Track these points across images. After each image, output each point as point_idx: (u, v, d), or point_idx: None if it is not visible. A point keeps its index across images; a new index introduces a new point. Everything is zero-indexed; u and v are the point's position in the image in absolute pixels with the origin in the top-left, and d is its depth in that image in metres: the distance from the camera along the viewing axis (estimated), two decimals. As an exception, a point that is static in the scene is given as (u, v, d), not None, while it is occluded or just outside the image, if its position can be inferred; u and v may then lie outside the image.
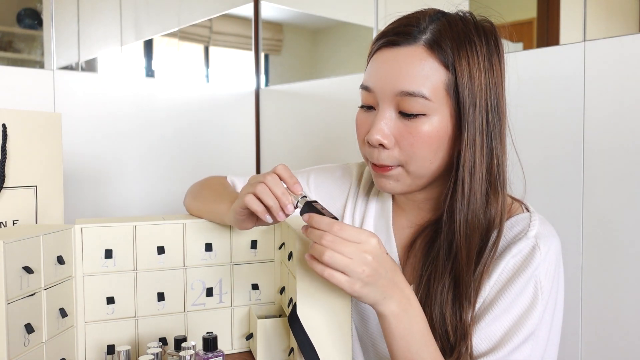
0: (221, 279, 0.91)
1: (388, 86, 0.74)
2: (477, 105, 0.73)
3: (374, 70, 0.77)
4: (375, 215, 0.91)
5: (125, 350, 0.77)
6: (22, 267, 0.72)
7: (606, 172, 0.99)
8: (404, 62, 0.74)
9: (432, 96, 0.73)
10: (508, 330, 0.73)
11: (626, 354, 0.97)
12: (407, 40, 0.74)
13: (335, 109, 1.57)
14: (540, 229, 0.77)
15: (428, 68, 0.73)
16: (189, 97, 1.72)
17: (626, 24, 0.97)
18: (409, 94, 0.73)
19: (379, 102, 0.76)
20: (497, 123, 0.75)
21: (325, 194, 0.97)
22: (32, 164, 0.89)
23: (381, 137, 0.75)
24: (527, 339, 0.72)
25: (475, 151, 0.74)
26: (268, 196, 0.72)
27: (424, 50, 0.73)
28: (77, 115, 1.47)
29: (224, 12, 1.85)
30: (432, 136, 0.74)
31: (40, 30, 1.43)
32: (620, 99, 0.96)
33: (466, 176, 0.74)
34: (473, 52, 0.73)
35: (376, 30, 1.46)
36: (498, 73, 0.75)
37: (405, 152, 0.75)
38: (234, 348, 0.93)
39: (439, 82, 0.73)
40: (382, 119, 0.75)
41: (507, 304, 0.74)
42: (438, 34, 0.74)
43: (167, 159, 1.67)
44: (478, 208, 0.75)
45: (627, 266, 0.97)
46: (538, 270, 0.74)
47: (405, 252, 0.86)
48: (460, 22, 0.75)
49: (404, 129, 0.74)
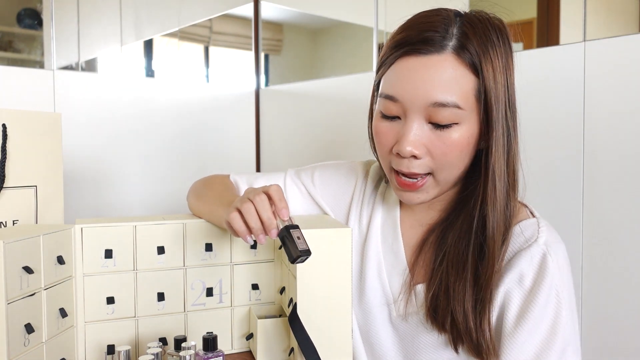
0: (221, 279, 0.91)
1: (419, 97, 0.73)
2: (500, 106, 0.74)
3: (400, 79, 0.74)
4: (383, 215, 0.90)
5: (125, 350, 0.77)
6: (22, 267, 0.72)
7: (606, 172, 0.99)
8: (435, 72, 0.72)
9: (464, 104, 0.72)
10: (543, 344, 0.73)
11: (626, 354, 0.97)
12: (434, 48, 0.72)
13: (336, 109, 1.57)
14: (548, 236, 0.77)
15: (459, 76, 0.72)
16: (189, 97, 1.72)
17: (626, 24, 0.97)
18: (442, 105, 0.72)
19: (408, 113, 0.74)
20: (512, 123, 0.76)
21: (330, 192, 0.97)
22: (32, 164, 0.89)
23: (413, 149, 0.74)
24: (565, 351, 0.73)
25: (502, 152, 0.74)
26: (252, 218, 0.71)
27: (453, 57, 0.72)
28: (77, 115, 1.47)
29: (224, 12, 1.85)
30: (462, 143, 0.74)
31: (40, 30, 1.43)
32: (620, 99, 0.96)
33: (496, 177, 0.75)
34: (495, 53, 0.73)
35: (376, 30, 1.46)
36: (511, 71, 0.76)
37: (437, 161, 0.75)
38: (234, 348, 0.93)
39: (469, 89, 0.73)
40: (412, 130, 0.74)
41: (536, 318, 0.74)
42: (464, 38, 0.73)
43: (167, 158, 1.67)
44: (503, 209, 0.76)
45: (627, 266, 0.97)
46: (555, 280, 0.74)
47: (414, 252, 0.86)
48: (479, 23, 0.75)
49: (435, 139, 0.74)
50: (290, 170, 1.02)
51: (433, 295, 0.79)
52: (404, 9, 0.81)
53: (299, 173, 1.00)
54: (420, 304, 0.81)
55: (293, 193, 0.98)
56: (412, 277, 0.84)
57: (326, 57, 1.70)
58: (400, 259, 0.86)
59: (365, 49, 1.50)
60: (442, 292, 0.78)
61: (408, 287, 0.83)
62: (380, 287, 0.87)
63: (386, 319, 0.86)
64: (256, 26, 1.93)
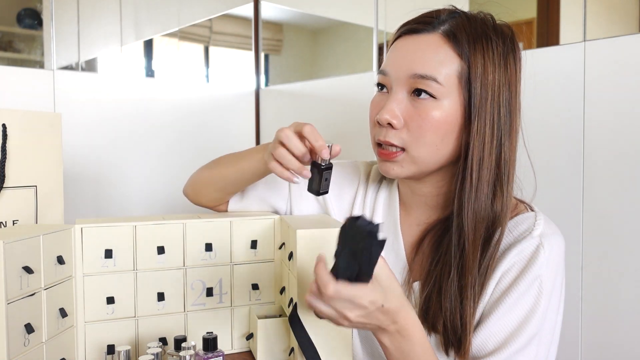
0: (221, 279, 0.91)
1: (402, 69, 0.78)
2: (489, 98, 0.76)
3: (392, 55, 0.81)
4: (383, 213, 0.91)
5: (125, 350, 0.77)
6: (22, 267, 0.72)
7: (606, 171, 0.99)
8: (420, 48, 0.77)
9: (444, 81, 0.75)
10: (514, 330, 0.73)
11: (626, 354, 0.97)
12: (425, 28, 0.78)
13: (336, 108, 1.57)
14: (545, 228, 0.78)
15: (443, 55, 0.76)
16: (189, 97, 1.72)
17: (626, 24, 0.97)
18: (421, 77, 0.75)
19: (392, 85, 0.79)
20: (507, 120, 0.77)
21: (334, 191, 0.98)
22: (32, 164, 0.89)
23: (390, 117, 0.77)
24: (532, 339, 0.73)
25: (485, 143, 0.76)
26: (289, 162, 0.77)
27: (440, 38, 0.77)
28: (77, 115, 1.47)
29: (224, 12, 1.85)
30: (440, 121, 0.76)
31: (40, 30, 1.43)
32: (620, 99, 0.96)
33: (474, 165, 0.76)
34: (489, 48, 0.76)
35: (376, 30, 1.46)
36: (512, 72, 0.78)
37: (413, 135, 0.77)
38: (234, 348, 0.93)
39: (452, 70, 0.75)
40: (394, 101, 0.78)
41: (511, 303, 0.74)
42: (456, 26, 0.77)
43: (167, 158, 1.67)
44: (485, 200, 0.77)
45: (627, 266, 0.97)
46: (542, 270, 0.75)
47: (412, 250, 0.87)
48: (480, 20, 0.79)
49: (414, 112, 0.77)
50: None
51: (427, 295, 0.79)
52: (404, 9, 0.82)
53: None
54: (416, 303, 0.82)
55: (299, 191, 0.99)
56: (411, 275, 0.84)
57: (326, 57, 1.70)
58: (400, 257, 0.86)
59: (365, 49, 1.50)
60: (435, 293, 0.78)
61: (407, 285, 0.84)
62: None
63: None
64: (256, 26, 1.93)
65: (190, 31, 1.76)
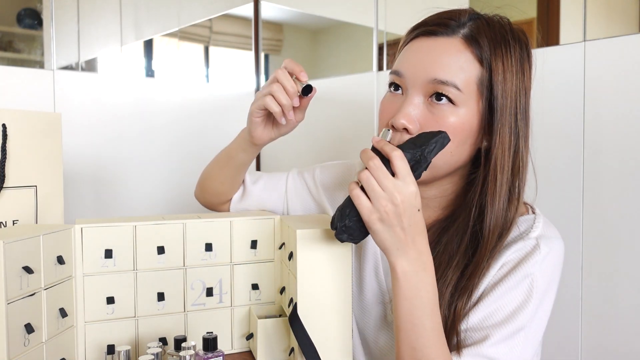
0: (221, 279, 0.91)
1: (421, 73, 0.75)
2: (509, 106, 0.75)
3: (408, 56, 0.78)
4: None
5: (125, 350, 0.77)
6: (22, 267, 0.72)
7: (606, 172, 0.99)
8: (440, 52, 0.75)
9: (463, 87, 0.74)
10: (500, 320, 0.73)
11: (626, 354, 0.97)
12: (445, 31, 0.76)
13: (336, 108, 1.57)
14: (544, 230, 0.78)
15: (463, 60, 0.74)
16: (189, 97, 1.72)
17: (626, 24, 0.97)
18: (441, 82, 0.73)
19: (409, 88, 0.77)
20: (524, 127, 0.77)
21: (330, 191, 0.99)
22: (32, 164, 0.89)
23: (407, 122, 0.75)
24: (519, 332, 0.73)
25: (505, 151, 0.75)
26: (282, 95, 0.82)
27: (461, 42, 0.75)
28: (77, 115, 1.47)
29: (224, 12, 1.85)
30: (457, 127, 0.74)
31: (40, 30, 1.43)
32: (620, 99, 0.96)
33: (497, 173, 0.75)
34: (508, 54, 0.74)
35: (376, 30, 1.46)
36: (528, 79, 0.77)
37: None
38: (234, 348, 0.93)
39: (472, 76, 0.74)
40: (410, 105, 0.76)
41: (498, 295, 0.74)
42: (476, 30, 0.75)
43: (167, 158, 1.67)
44: (501, 207, 0.76)
45: (627, 266, 0.97)
46: (535, 269, 0.74)
47: None
48: (498, 24, 0.77)
49: (431, 117, 0.75)
50: (294, 169, 1.06)
51: None
52: (404, 9, 0.81)
53: (301, 173, 1.04)
54: None
55: (295, 192, 1.01)
56: None
57: (326, 57, 1.70)
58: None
59: (365, 49, 1.50)
60: None
61: None
62: (377, 286, 0.88)
63: (382, 318, 0.87)
64: (256, 26, 1.93)
65: (190, 31, 1.76)
